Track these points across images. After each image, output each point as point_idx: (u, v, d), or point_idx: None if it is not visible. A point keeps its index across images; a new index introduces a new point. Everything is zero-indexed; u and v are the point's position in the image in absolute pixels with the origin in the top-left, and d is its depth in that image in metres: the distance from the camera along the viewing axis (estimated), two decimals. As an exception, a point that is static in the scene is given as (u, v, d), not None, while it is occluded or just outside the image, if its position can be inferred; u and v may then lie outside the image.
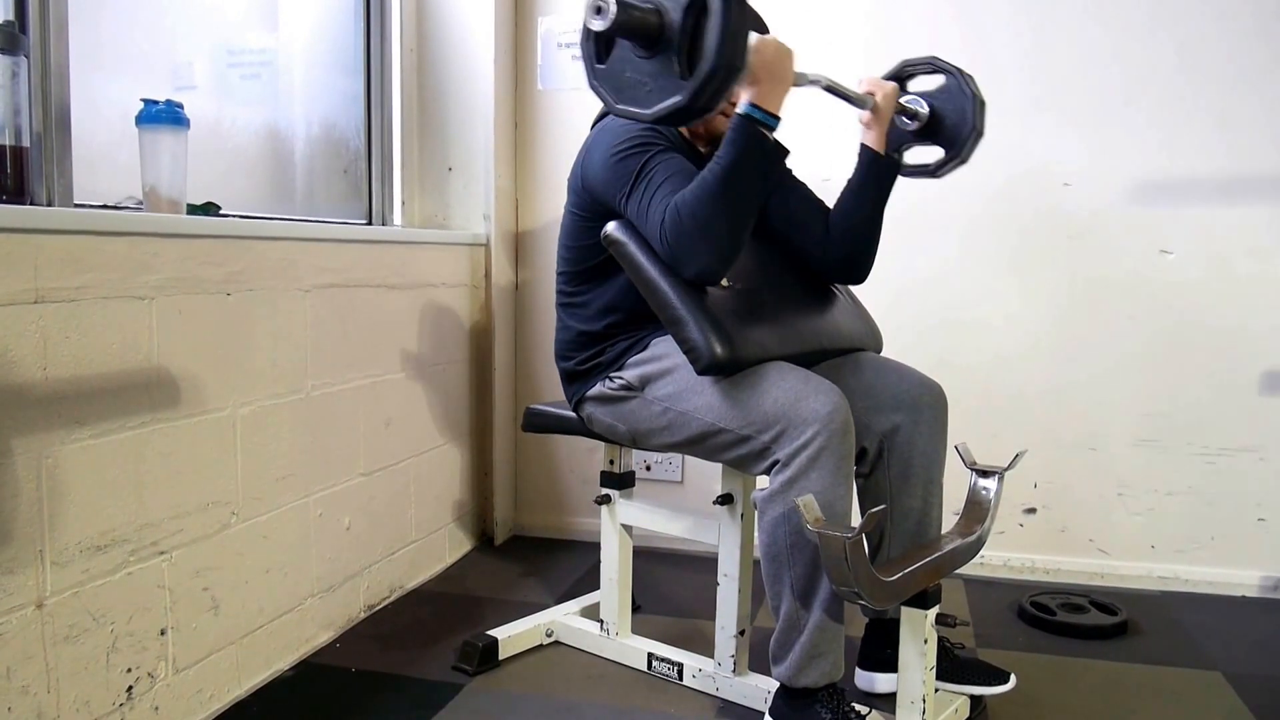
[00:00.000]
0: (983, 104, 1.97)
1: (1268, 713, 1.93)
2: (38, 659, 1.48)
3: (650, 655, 2.08)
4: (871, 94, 1.89)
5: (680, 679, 2.02)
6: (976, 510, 1.82)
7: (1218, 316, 2.60)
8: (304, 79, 2.60)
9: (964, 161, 2.01)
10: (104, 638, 1.60)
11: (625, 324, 1.91)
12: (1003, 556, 2.76)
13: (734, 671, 1.94)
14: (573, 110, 2.97)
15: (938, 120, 2.00)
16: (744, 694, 1.92)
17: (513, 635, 2.15)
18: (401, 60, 2.84)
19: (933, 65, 2.00)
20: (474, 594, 2.57)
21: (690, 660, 2.03)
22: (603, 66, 1.53)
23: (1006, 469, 1.84)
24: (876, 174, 1.91)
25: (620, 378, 1.88)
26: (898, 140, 2.07)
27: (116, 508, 1.61)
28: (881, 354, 2.06)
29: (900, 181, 1.95)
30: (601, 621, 2.18)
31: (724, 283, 1.78)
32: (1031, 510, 2.75)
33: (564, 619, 2.25)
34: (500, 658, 2.11)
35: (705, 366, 1.69)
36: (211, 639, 1.85)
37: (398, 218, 2.88)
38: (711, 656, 1.98)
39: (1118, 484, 2.69)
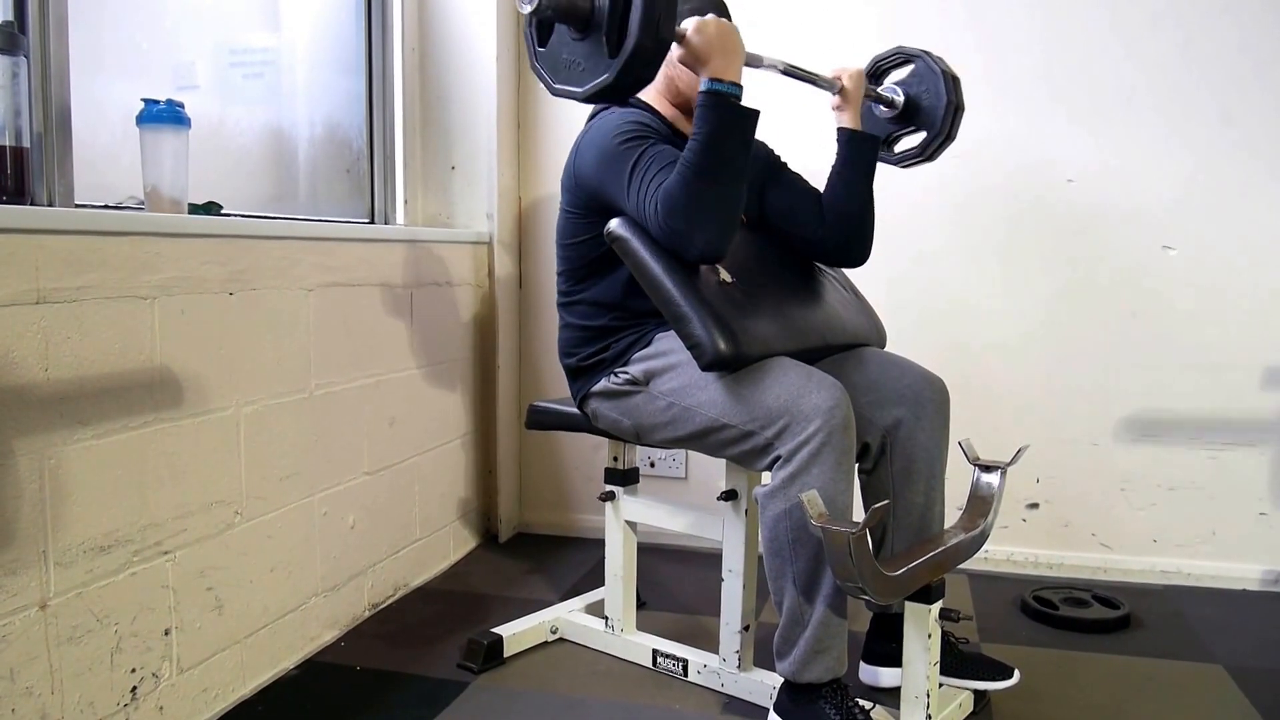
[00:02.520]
0: (955, 78, 2.02)
1: (1269, 706, 1.93)
2: (41, 660, 1.49)
3: (655, 651, 2.08)
4: (838, 78, 1.95)
5: (685, 675, 2.03)
6: (979, 505, 1.82)
7: (1220, 312, 2.59)
8: (306, 78, 2.60)
9: (950, 139, 2.05)
10: (108, 638, 1.60)
11: (627, 318, 1.91)
12: (1006, 551, 2.76)
13: (739, 667, 1.94)
14: (575, 108, 2.92)
15: (915, 104, 2.07)
16: (749, 690, 1.92)
17: (517, 632, 2.15)
18: (403, 59, 2.84)
19: (901, 54, 2.07)
20: (479, 591, 2.57)
21: (695, 656, 2.03)
22: (543, 50, 1.59)
23: (1009, 464, 1.84)
24: (857, 152, 1.96)
25: (625, 373, 1.88)
26: (883, 132, 2.13)
27: (120, 508, 1.62)
28: (885, 349, 2.07)
29: (903, 177, 1.95)
30: (606, 618, 2.18)
31: (727, 279, 1.78)
32: (1034, 505, 2.75)
33: (569, 616, 2.25)
34: (505, 655, 2.12)
35: (709, 363, 1.69)
36: (216, 638, 1.85)
37: (400, 216, 2.88)
38: (716, 652, 1.98)
39: (1120, 479, 2.69)
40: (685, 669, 2.03)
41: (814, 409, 1.62)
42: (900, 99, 2.07)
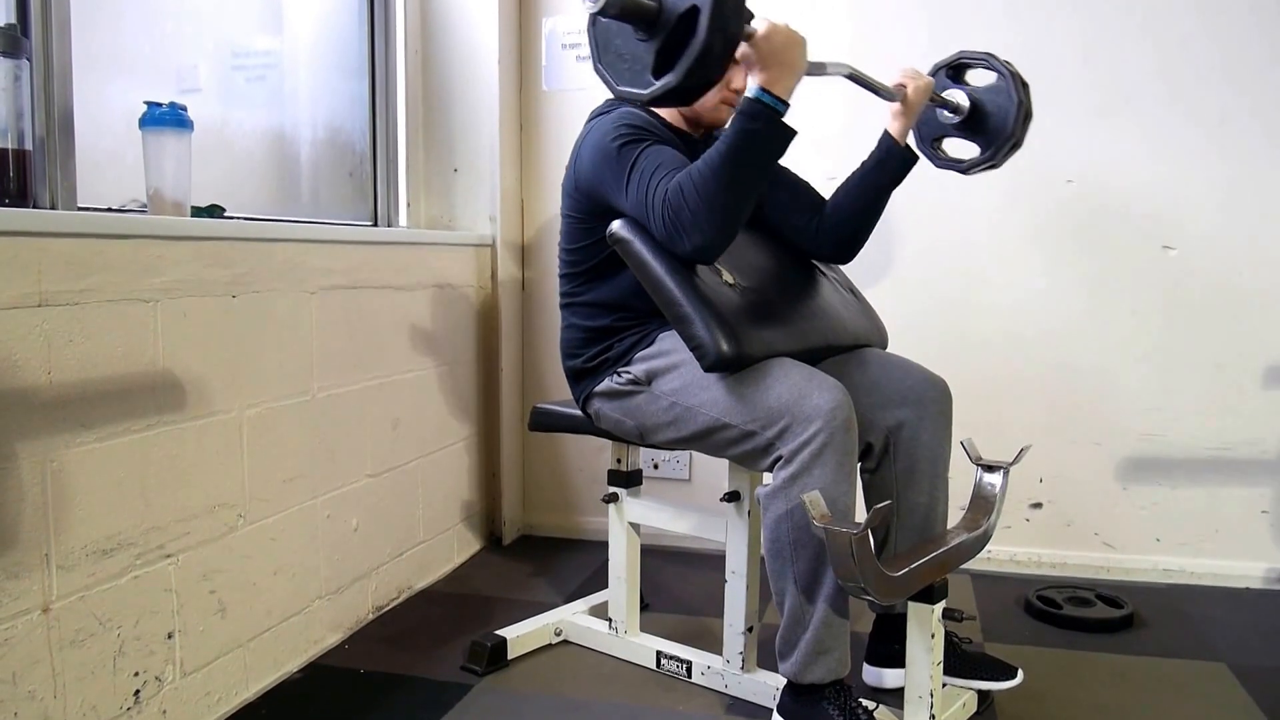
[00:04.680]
0: (1029, 115, 1.94)
1: (1273, 703, 1.93)
2: (44, 664, 1.49)
3: (659, 653, 2.08)
4: (903, 86, 1.87)
5: (689, 677, 2.02)
6: (982, 505, 1.82)
7: (1220, 311, 2.59)
8: (309, 81, 2.61)
9: (996, 166, 2.00)
10: (111, 642, 1.60)
11: (631, 319, 1.91)
12: (1009, 551, 2.76)
13: (742, 669, 1.94)
14: (578, 110, 2.96)
15: (980, 118, 1.98)
16: (753, 691, 1.92)
17: (521, 635, 2.15)
18: (406, 62, 2.84)
19: (987, 62, 1.97)
20: (482, 594, 2.57)
21: (699, 658, 2.03)
22: (606, 50, 1.56)
23: (1012, 464, 1.84)
24: (890, 163, 1.92)
25: (628, 372, 1.88)
26: (938, 130, 2.06)
27: (122, 511, 1.62)
28: (886, 350, 2.06)
29: (911, 177, 1.94)
30: (610, 620, 2.18)
31: (730, 280, 1.78)
32: (1037, 505, 2.75)
33: (572, 618, 2.25)
34: (509, 657, 2.12)
35: (711, 363, 1.69)
36: (219, 642, 1.85)
37: (403, 219, 2.88)
38: (720, 654, 1.98)
39: (1123, 478, 2.69)
40: (689, 670, 2.03)
41: (815, 410, 1.62)
42: (965, 106, 1.98)
